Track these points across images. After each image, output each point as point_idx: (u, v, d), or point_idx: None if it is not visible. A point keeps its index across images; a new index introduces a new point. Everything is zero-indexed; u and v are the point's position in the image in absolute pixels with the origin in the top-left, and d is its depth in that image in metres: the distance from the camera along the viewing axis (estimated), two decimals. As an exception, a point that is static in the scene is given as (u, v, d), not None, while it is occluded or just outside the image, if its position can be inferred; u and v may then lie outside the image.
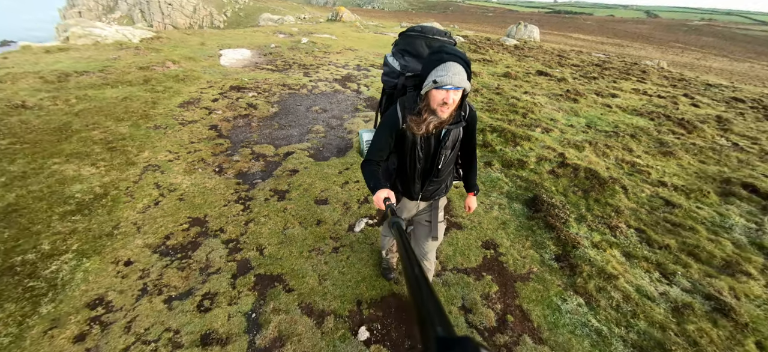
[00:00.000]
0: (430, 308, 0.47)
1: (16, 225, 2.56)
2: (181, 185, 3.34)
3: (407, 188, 1.70)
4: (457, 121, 1.46)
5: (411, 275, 0.60)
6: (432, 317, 0.45)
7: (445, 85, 1.27)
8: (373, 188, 1.41)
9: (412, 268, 0.62)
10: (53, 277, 2.22)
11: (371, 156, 1.53)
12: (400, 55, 1.63)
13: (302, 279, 2.41)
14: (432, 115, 1.38)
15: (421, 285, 0.54)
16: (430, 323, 0.43)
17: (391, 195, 1.34)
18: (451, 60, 1.28)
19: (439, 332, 0.41)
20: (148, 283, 2.29)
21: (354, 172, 3.84)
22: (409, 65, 1.57)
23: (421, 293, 0.52)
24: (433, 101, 1.34)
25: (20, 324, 1.93)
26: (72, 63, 6.65)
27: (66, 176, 3.19)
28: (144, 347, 1.90)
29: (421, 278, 0.56)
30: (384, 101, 1.78)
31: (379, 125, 1.54)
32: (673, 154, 5.31)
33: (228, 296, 2.25)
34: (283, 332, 2.05)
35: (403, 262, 0.68)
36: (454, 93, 1.31)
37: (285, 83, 6.89)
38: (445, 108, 1.33)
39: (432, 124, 1.41)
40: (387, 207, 1.27)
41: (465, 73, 1.30)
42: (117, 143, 3.86)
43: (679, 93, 10.40)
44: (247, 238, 2.76)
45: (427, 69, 1.34)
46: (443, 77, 1.26)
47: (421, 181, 1.66)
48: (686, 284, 2.77)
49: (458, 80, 1.27)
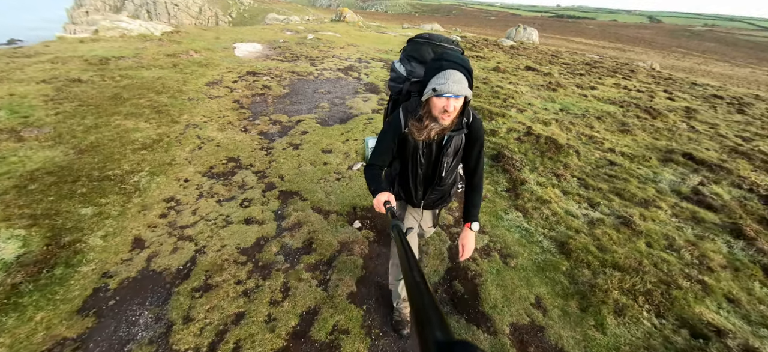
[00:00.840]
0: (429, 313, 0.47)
1: (101, 154, 3.50)
2: (216, 137, 4.27)
3: (409, 193, 1.71)
4: (459, 128, 1.47)
5: (411, 280, 0.60)
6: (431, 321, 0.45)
7: (444, 93, 1.28)
8: (374, 191, 1.42)
9: (412, 273, 0.62)
10: (136, 184, 3.15)
11: (374, 160, 1.54)
12: (407, 61, 1.66)
13: (313, 194, 3.33)
14: (433, 121, 1.40)
15: (421, 290, 0.54)
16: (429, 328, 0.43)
17: (391, 198, 1.36)
18: (451, 67, 1.29)
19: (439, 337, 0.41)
20: (202, 191, 3.21)
21: (353, 134, 4.76)
22: (415, 71, 1.60)
23: (422, 298, 0.52)
24: (434, 109, 1.36)
25: (122, 206, 2.85)
26: (107, 50, 7.64)
27: (127, 127, 4.13)
28: (206, 222, 2.82)
29: (422, 284, 0.57)
30: (390, 107, 1.81)
31: (383, 130, 1.57)
32: (631, 131, 6.20)
33: (260, 201, 3.17)
34: (300, 220, 2.95)
35: (402, 266, 0.69)
36: (455, 101, 1.32)
37: (294, 71, 7.85)
38: (446, 115, 1.35)
39: (433, 131, 1.43)
40: (387, 210, 1.28)
41: (466, 81, 1.31)
42: (161, 108, 4.81)
43: (660, 89, 11.26)
44: (271, 170, 3.68)
45: (428, 76, 1.35)
46: (443, 85, 1.28)
47: (424, 187, 1.67)
48: (606, 210, 3.65)
49: (458, 88, 1.28)
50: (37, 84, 5.14)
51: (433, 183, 1.64)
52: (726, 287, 2.76)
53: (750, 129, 7.66)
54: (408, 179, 1.64)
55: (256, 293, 2.23)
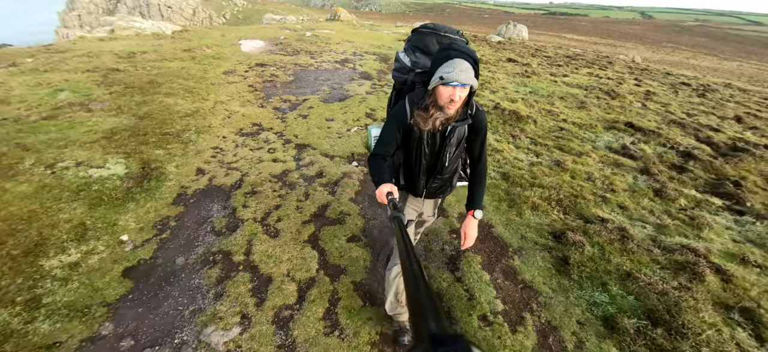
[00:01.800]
0: (425, 305, 0.48)
1: (156, 120, 4.59)
2: (240, 110, 5.38)
3: (412, 183, 1.74)
4: (464, 118, 1.49)
5: (408, 270, 0.61)
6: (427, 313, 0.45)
7: (451, 81, 1.30)
8: (377, 182, 1.45)
9: (410, 264, 0.63)
10: (188, 138, 4.25)
11: (378, 150, 1.57)
12: (412, 52, 1.68)
13: (321, 146, 4.45)
14: (439, 111, 1.41)
15: (418, 282, 0.55)
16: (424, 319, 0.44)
17: (394, 190, 1.38)
18: (458, 57, 1.31)
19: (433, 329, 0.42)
20: (238, 143, 4.32)
21: (350, 109, 5.89)
22: (420, 61, 1.62)
23: (418, 290, 0.53)
24: (440, 98, 1.37)
25: (183, 151, 3.96)
26: (128, 46, 8.70)
27: (169, 103, 5.22)
28: (245, 160, 3.93)
29: (419, 275, 0.58)
30: (393, 97, 1.83)
31: (387, 120, 1.60)
32: (587, 108, 7.38)
33: (282, 149, 4.29)
34: (313, 160, 4.07)
35: (401, 257, 0.71)
36: (461, 90, 1.34)
37: (296, 63, 8.97)
38: (452, 104, 1.37)
39: (439, 121, 1.45)
40: (389, 201, 1.31)
41: (472, 70, 1.34)
42: (191, 90, 5.90)
43: (631, 78, 12.49)
44: (286, 131, 4.80)
45: (435, 65, 1.37)
46: (450, 74, 1.30)
47: (426, 177, 1.70)
48: (546, 158, 4.80)
49: (465, 77, 1.30)
50: (83, 73, 6.21)
51: (435, 172, 1.67)
52: (621, 200, 3.92)
53: (700, 108, 8.90)
54: (411, 169, 1.68)
55: (287, 196, 3.35)
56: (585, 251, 2.91)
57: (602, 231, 3.19)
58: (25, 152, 3.43)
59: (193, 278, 2.39)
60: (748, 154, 5.58)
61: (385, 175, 1.48)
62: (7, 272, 2.18)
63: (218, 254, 2.60)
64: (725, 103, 10.03)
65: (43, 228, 2.54)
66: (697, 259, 2.91)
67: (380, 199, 1.39)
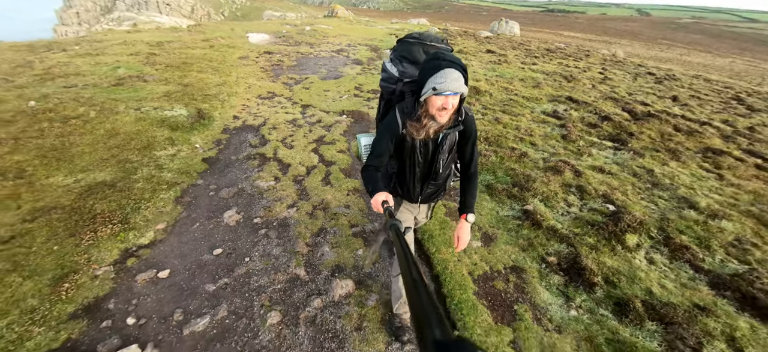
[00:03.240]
0: (428, 311, 0.48)
1: (196, 88, 6.26)
2: (257, 83, 7.07)
3: (407, 191, 1.82)
4: (455, 125, 1.56)
5: (409, 278, 0.62)
6: (430, 320, 0.46)
7: (444, 91, 1.36)
8: (371, 191, 1.50)
9: (410, 271, 0.64)
10: (222, 98, 5.93)
11: (371, 162, 1.62)
12: (399, 61, 1.73)
13: (320, 106, 6.14)
14: (431, 120, 1.47)
15: (419, 289, 0.57)
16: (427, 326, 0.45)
17: (389, 198, 1.43)
18: (448, 66, 1.36)
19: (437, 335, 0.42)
20: (258, 103, 6.01)
21: (343, 83, 7.57)
22: (407, 71, 1.68)
23: (420, 297, 0.54)
24: (432, 107, 1.43)
25: (221, 105, 5.64)
26: (153, 37, 10.37)
27: (202, 77, 6.90)
28: (265, 112, 5.61)
29: (420, 282, 0.59)
30: (382, 107, 1.89)
31: (379, 131, 1.66)
32: (541, 87, 9.07)
33: (291, 107, 5.98)
34: (314, 114, 5.76)
35: (400, 265, 0.72)
36: (453, 98, 1.41)
37: (298, 51, 10.66)
38: (443, 113, 1.44)
39: (431, 129, 1.51)
40: (385, 210, 1.35)
41: (462, 79, 1.39)
42: (217, 68, 7.59)
43: (599, 67, 14.16)
44: (294, 97, 6.49)
45: (425, 75, 1.41)
46: (442, 84, 1.35)
47: (421, 184, 1.78)
48: (490, 117, 6.47)
49: (456, 86, 1.37)
50: (128, 56, 7.88)
51: (429, 179, 1.74)
52: (534, 140, 5.60)
53: (647, 90, 10.60)
54: (405, 177, 1.75)
55: (296, 131, 5.03)
56: (490, 159, 4.59)
57: (508, 152, 4.87)
58: (116, 102, 5.09)
59: (243, 164, 4.07)
60: (656, 118, 7.27)
61: (379, 184, 1.53)
62: (139, 155, 3.85)
63: (256, 154, 4.28)
64: (678, 88, 11.69)
65: (148, 138, 4.21)
66: (565, 165, 4.59)
67: (376, 208, 1.43)
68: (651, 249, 3.23)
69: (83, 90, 5.48)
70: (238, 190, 3.57)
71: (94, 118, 4.46)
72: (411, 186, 1.78)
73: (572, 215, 3.65)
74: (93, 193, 3.11)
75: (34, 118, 4.32)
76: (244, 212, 3.24)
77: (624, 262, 2.97)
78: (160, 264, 2.59)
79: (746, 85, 16.79)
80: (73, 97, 5.07)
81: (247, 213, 3.22)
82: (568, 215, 3.67)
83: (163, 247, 2.76)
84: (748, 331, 2.42)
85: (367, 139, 2.04)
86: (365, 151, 2.01)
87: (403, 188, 1.83)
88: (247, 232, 3.00)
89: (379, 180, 1.58)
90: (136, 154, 3.83)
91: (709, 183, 4.74)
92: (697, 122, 7.62)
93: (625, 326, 2.37)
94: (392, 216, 1.21)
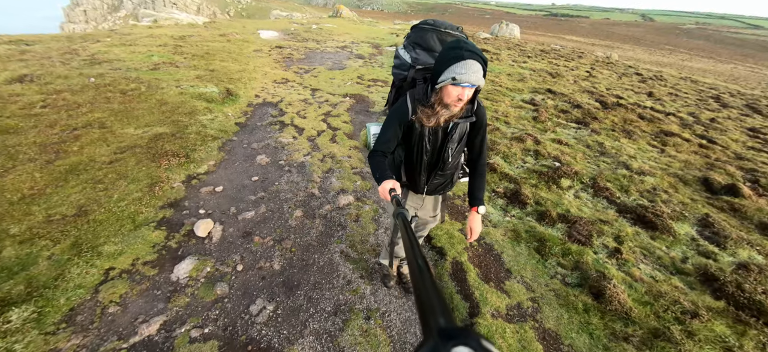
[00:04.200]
0: (432, 299, 0.49)
1: (221, 73, 7.39)
2: (272, 72, 8.19)
3: (413, 180, 1.84)
4: (467, 115, 1.57)
5: (414, 266, 0.63)
6: (434, 307, 0.47)
7: (463, 82, 1.35)
8: (378, 178, 1.49)
9: (415, 259, 0.65)
10: (244, 81, 7.06)
11: (378, 147, 1.63)
12: (412, 48, 1.73)
13: (327, 89, 7.26)
14: (444, 108, 1.48)
15: (424, 276, 0.58)
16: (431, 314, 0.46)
17: (396, 186, 1.42)
18: (471, 57, 1.35)
19: (441, 323, 0.43)
20: (275, 86, 7.14)
21: (346, 74, 8.68)
22: (420, 58, 1.67)
23: (424, 284, 0.55)
24: (448, 97, 1.43)
25: (244, 86, 6.77)
26: (175, 32, 11.55)
27: (225, 65, 8.03)
28: (281, 93, 6.72)
29: (425, 270, 0.60)
30: (393, 95, 1.89)
31: (388, 117, 1.65)
32: (525, 81, 10.14)
33: (302, 90, 7.10)
34: (321, 95, 6.88)
35: (406, 253, 0.74)
36: (470, 90, 1.40)
37: (306, 47, 11.81)
38: (458, 103, 1.44)
39: (443, 118, 1.51)
40: (392, 198, 1.34)
41: (482, 71, 1.38)
42: (236, 59, 8.73)
43: (587, 66, 15.20)
44: (304, 82, 7.61)
45: (445, 64, 1.39)
46: (463, 75, 1.34)
47: (427, 173, 1.79)
48: (474, 102, 7.55)
49: (476, 78, 1.36)
50: (157, 47, 9.03)
51: (436, 168, 1.75)
52: (508, 120, 6.66)
53: (626, 87, 11.63)
54: (412, 165, 1.77)
55: (308, 107, 6.14)
56: (467, 130, 5.67)
57: (483, 126, 5.95)
58: (158, 81, 6.21)
59: (267, 128, 5.17)
60: (624, 108, 8.32)
61: (387, 171, 1.52)
62: (186, 118, 4.96)
63: (276, 121, 5.39)
64: (660, 87, 12.71)
65: (191, 107, 5.32)
66: (527, 136, 5.65)
67: (383, 195, 1.42)
68: (580, 190, 4.29)
69: (128, 72, 6.60)
70: (265, 144, 4.67)
71: (145, 92, 5.58)
72: (418, 175, 1.80)
73: (525, 168, 4.71)
74: (160, 139, 4.21)
75: (98, 90, 5.45)
76: (271, 157, 4.33)
77: (555, 195, 4.03)
78: (215, 184, 3.68)
79: (736, 87, 17.76)
80: (122, 76, 6.19)
81: (274, 158, 4.32)
82: (521, 168, 4.73)
83: (215, 175, 3.85)
84: (631, 233, 3.48)
85: (375, 128, 2.02)
86: (374, 139, 1.98)
87: (410, 176, 1.84)
88: (275, 169, 4.09)
89: (387, 168, 1.57)
90: (184, 117, 4.93)
91: (651, 155, 5.79)
92: (663, 113, 8.68)
93: (541, 226, 3.43)
94: (400, 204, 1.21)
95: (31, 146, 3.76)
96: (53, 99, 4.91)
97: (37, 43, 8.65)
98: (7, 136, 3.90)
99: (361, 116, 5.95)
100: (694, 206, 4.14)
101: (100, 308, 2.20)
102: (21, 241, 2.55)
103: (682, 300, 2.57)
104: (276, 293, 2.46)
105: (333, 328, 2.26)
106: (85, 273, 2.39)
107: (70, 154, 3.69)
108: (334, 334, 2.22)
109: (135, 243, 2.73)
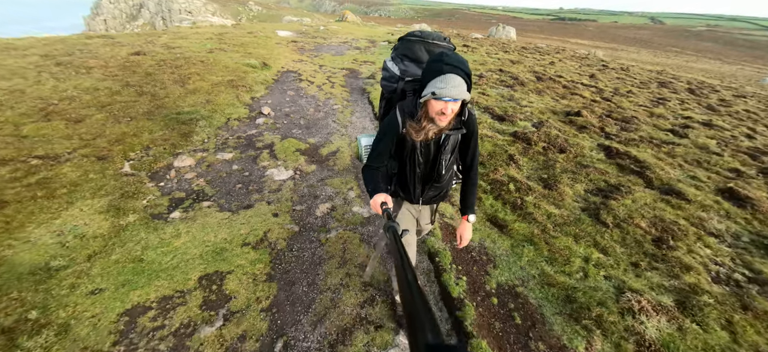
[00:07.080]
0: (421, 315, 0.50)
1: (256, 54, 10.87)
2: (290, 56, 11.72)
3: (408, 191, 1.89)
4: (457, 127, 1.63)
5: (404, 280, 0.65)
6: (423, 323, 0.48)
7: (443, 97, 1.40)
8: (371, 191, 1.56)
9: (405, 273, 0.67)
10: (273, 60, 10.51)
11: (371, 162, 1.70)
12: (400, 60, 1.79)
13: (332, 66, 10.71)
14: (430, 122, 1.53)
15: (413, 291, 0.59)
16: (420, 330, 0.47)
17: (388, 199, 1.49)
18: (451, 71, 1.39)
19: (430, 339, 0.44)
20: (294, 63, 10.62)
21: (345, 58, 12.12)
22: (409, 70, 1.74)
23: (413, 299, 0.56)
24: (432, 110, 1.49)
25: (273, 61, 10.22)
26: (212, 31, 15.18)
27: (257, 51, 11.54)
28: (299, 67, 10.15)
29: (414, 285, 0.61)
30: (383, 106, 1.95)
31: (379, 131, 1.71)
32: (485, 65, 13.35)
33: (312, 66, 10.53)
34: (328, 70, 10.33)
35: (396, 267, 0.76)
36: (453, 104, 1.44)
37: (315, 41, 15.36)
38: (443, 117, 1.48)
39: (431, 132, 1.57)
40: (384, 211, 1.40)
41: (465, 85, 1.43)
42: (264, 46, 12.23)
43: (556, 59, 18.29)
44: (314, 62, 11.09)
45: (427, 78, 1.46)
46: (443, 90, 1.39)
47: (422, 185, 1.84)
48: (436, 75, 10.83)
49: (457, 92, 1.39)
50: (206, 39, 12.61)
51: (431, 180, 1.81)
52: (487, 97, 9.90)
53: (576, 72, 14.71)
54: (406, 178, 1.82)
55: (317, 73, 9.57)
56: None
57: (433, 85, 9.23)
58: (217, 57, 9.66)
59: (291, 82, 8.61)
60: (553, 81, 11.47)
61: (380, 185, 1.59)
62: (243, 74, 8.37)
63: (297, 79, 8.84)
64: (613, 75, 15.65)
65: (243, 70, 8.75)
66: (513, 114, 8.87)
67: (374, 209, 1.48)
68: (478, 114, 7.47)
69: (196, 53, 10.10)
70: (291, 87, 8.08)
71: (211, 62, 9.04)
72: (411, 187, 1.85)
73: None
74: (232, 82, 7.60)
75: (187, 60, 8.91)
76: (295, 93, 7.71)
77: (458, 110, 7.25)
78: (267, 101, 7.03)
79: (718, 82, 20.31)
80: (194, 55, 9.68)
81: (297, 93, 7.69)
82: (447, 102, 7.97)
83: (265, 99, 7.22)
84: (491, 122, 6.65)
85: (367, 139, 2.10)
86: (365, 152, 2.06)
87: (404, 188, 1.90)
88: (298, 97, 7.46)
89: (380, 181, 1.65)
90: (241, 74, 8.35)
91: (546, 100, 8.94)
92: (583, 85, 11.76)
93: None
94: (390, 218, 1.26)
95: (169, 79, 7.20)
96: (163, 64, 8.38)
97: (119, 38, 12.31)
98: (152, 75, 7.34)
99: (352, 78, 9.32)
100: (544, 117, 7.28)
101: (230, 126, 5.53)
102: (191, 108, 5.93)
103: (507, 147, 5.76)
104: (302, 128, 5.78)
105: (328, 131, 5.55)
106: (220, 117, 5.75)
107: (189, 84, 7.10)
108: (330, 134, 5.51)
109: (239, 109, 6.11)
